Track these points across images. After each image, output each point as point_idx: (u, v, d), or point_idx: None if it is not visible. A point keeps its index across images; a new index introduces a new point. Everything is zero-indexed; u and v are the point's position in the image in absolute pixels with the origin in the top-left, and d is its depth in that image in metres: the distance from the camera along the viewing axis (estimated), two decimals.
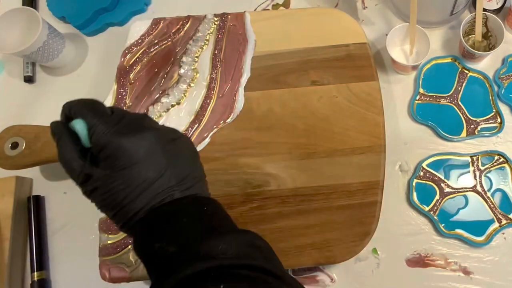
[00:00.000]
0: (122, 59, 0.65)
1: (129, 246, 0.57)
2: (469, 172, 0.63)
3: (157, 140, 0.35)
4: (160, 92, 0.63)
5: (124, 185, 0.34)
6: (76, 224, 0.66)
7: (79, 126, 0.36)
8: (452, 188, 0.63)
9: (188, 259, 0.31)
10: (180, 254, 0.32)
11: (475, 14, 0.64)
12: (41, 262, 0.63)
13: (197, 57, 0.65)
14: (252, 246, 0.34)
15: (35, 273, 0.62)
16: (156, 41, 0.65)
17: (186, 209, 0.35)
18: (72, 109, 0.38)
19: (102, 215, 0.57)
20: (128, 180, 0.34)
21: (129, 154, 0.34)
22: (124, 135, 0.35)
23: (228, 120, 0.62)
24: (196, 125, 0.62)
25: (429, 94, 0.67)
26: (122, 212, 0.35)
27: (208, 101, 0.63)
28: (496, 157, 0.64)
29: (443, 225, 0.61)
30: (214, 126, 0.62)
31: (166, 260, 0.32)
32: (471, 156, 0.64)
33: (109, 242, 0.57)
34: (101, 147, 0.35)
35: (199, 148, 0.61)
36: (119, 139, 0.34)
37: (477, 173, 0.63)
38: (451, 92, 0.67)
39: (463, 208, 0.62)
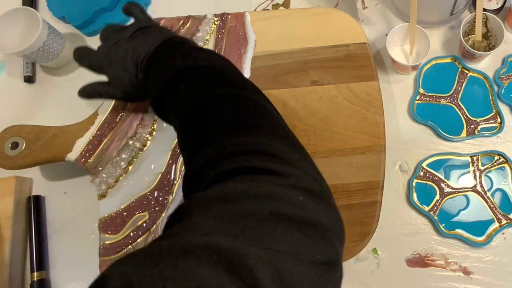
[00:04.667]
0: None
1: (129, 246, 0.57)
2: (469, 172, 0.63)
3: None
4: None
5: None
6: (76, 224, 0.66)
7: None
8: (452, 188, 0.63)
9: (162, 76, 0.47)
10: (161, 73, 0.47)
11: (475, 14, 0.64)
12: (41, 262, 0.63)
13: None
14: (203, 55, 0.48)
15: (35, 273, 0.62)
16: None
17: (163, 48, 0.50)
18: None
19: (102, 215, 0.58)
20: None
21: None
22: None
23: None
24: None
25: (429, 94, 0.67)
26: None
27: None
28: (496, 157, 0.64)
29: (443, 225, 0.61)
30: None
31: (156, 79, 0.48)
32: (471, 156, 0.64)
33: (109, 242, 0.57)
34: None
35: None
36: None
37: (477, 173, 0.63)
38: (451, 92, 0.67)
39: (463, 208, 0.62)
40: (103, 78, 0.55)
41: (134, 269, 0.24)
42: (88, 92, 0.56)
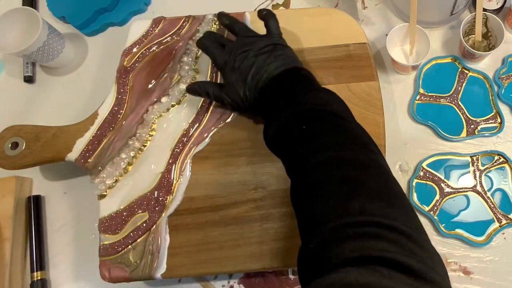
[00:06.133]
0: (122, 59, 0.65)
1: (129, 246, 0.57)
2: (469, 172, 0.63)
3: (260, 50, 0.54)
4: (160, 92, 0.63)
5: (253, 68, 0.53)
6: (76, 224, 0.66)
7: None
8: (452, 188, 0.63)
9: (287, 106, 0.47)
10: (284, 104, 0.48)
11: (475, 14, 0.64)
12: (41, 262, 0.63)
13: (197, 57, 0.65)
14: (329, 98, 0.48)
15: (35, 273, 0.62)
16: (156, 41, 0.65)
17: (289, 77, 0.51)
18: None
19: (102, 215, 0.58)
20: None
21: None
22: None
23: (228, 120, 0.62)
24: (196, 125, 0.61)
25: (429, 94, 0.67)
26: (252, 85, 0.52)
27: (208, 101, 0.63)
28: (496, 157, 0.64)
29: (443, 225, 0.61)
30: (214, 126, 0.62)
31: (276, 109, 0.48)
32: (471, 156, 0.64)
33: (109, 242, 0.57)
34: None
35: (199, 148, 0.61)
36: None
37: (477, 173, 0.63)
38: (451, 92, 0.67)
39: (463, 208, 0.62)
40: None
41: None
42: (197, 89, 0.57)
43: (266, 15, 0.58)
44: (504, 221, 0.61)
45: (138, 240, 0.57)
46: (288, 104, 0.47)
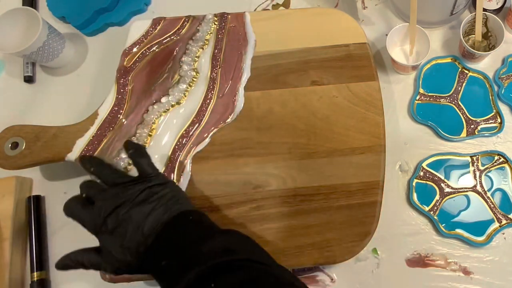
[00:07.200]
0: (122, 59, 0.65)
1: None
2: (469, 172, 0.63)
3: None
4: (160, 92, 0.63)
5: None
6: (76, 224, 0.65)
7: None
8: (452, 188, 0.63)
9: (185, 269, 0.40)
10: (180, 265, 0.41)
11: (475, 14, 0.64)
12: (41, 262, 0.63)
13: (197, 57, 0.65)
14: (230, 242, 0.43)
15: (35, 273, 0.62)
16: (156, 41, 0.65)
17: (176, 228, 0.44)
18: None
19: None
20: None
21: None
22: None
23: (228, 120, 0.62)
24: (196, 125, 0.61)
25: (429, 94, 0.67)
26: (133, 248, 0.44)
27: (208, 101, 0.63)
28: (496, 157, 0.64)
29: (443, 225, 0.61)
30: (214, 126, 0.62)
31: (171, 274, 0.41)
32: (471, 156, 0.64)
33: None
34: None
35: (199, 148, 0.61)
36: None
37: (477, 173, 0.63)
38: (451, 92, 0.67)
39: (463, 208, 0.62)
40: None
41: None
42: (69, 264, 0.48)
43: (133, 154, 0.50)
44: (504, 221, 0.61)
45: None
46: (184, 265, 0.40)
